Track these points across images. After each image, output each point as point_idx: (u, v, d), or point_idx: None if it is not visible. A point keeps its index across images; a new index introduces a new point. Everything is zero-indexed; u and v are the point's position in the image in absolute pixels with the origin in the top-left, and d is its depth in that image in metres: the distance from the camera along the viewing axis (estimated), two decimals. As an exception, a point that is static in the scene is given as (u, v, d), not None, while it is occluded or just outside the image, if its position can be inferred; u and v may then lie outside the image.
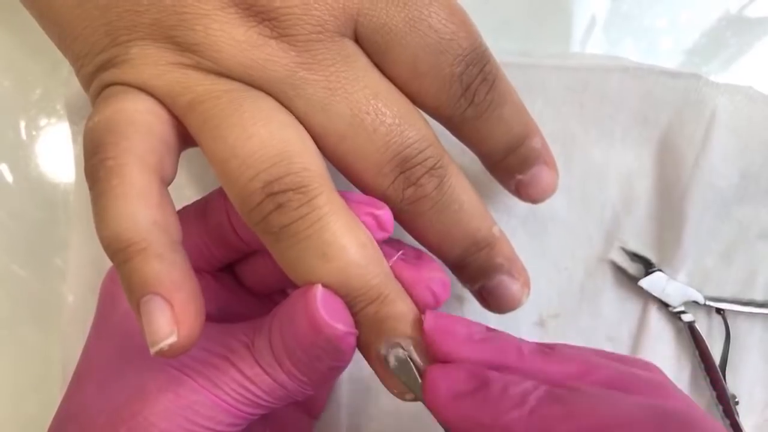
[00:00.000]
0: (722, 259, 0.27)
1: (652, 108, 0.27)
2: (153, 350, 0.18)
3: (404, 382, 0.19)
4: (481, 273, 0.23)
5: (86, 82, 0.21)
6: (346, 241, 0.19)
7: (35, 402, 0.29)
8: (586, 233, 0.28)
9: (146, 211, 0.18)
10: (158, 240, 0.18)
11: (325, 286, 0.19)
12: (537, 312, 0.28)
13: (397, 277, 0.21)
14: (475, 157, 0.24)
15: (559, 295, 0.28)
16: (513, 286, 0.23)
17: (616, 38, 0.29)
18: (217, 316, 0.23)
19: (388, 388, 0.20)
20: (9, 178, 0.30)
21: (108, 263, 0.24)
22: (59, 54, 0.23)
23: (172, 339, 0.18)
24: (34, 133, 0.30)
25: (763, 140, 0.26)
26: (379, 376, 0.20)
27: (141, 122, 0.19)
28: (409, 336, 0.19)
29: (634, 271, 0.27)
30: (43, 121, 0.30)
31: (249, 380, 0.20)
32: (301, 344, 0.19)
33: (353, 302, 0.19)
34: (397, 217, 0.22)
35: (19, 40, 0.30)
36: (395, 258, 0.21)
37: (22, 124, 0.30)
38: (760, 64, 0.29)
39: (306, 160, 0.19)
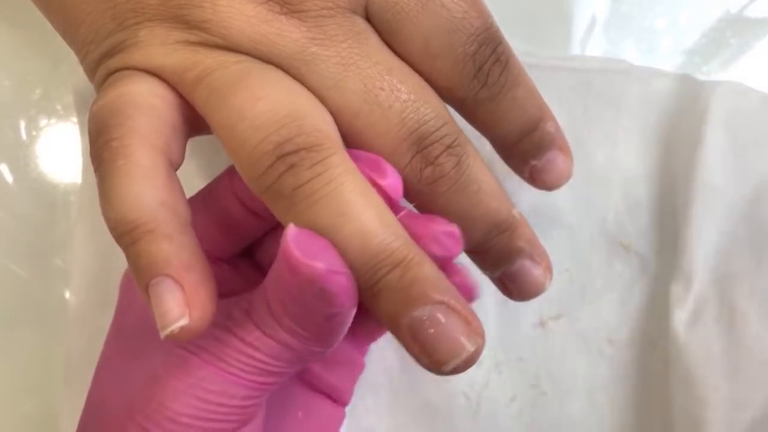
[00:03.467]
0: (731, 257, 0.27)
1: (654, 111, 0.27)
2: (163, 334, 0.17)
3: None
4: (502, 258, 0.22)
5: (91, 70, 0.21)
6: (363, 202, 0.18)
7: (35, 403, 0.29)
8: (588, 235, 0.28)
9: (153, 191, 0.18)
10: (167, 221, 0.18)
11: (344, 251, 0.18)
12: (537, 313, 0.28)
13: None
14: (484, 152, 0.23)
15: (560, 297, 0.28)
16: (536, 271, 0.22)
17: (616, 38, 0.29)
18: None
19: (418, 361, 0.18)
20: (9, 178, 0.30)
21: (112, 262, 0.24)
22: (59, 53, 0.23)
23: (183, 321, 0.17)
24: (34, 133, 0.30)
25: (760, 136, 0.26)
26: (407, 349, 0.18)
27: (146, 105, 0.19)
28: (439, 301, 0.18)
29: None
30: (43, 121, 0.30)
31: (251, 346, 0.19)
32: (289, 294, 0.18)
33: (375, 268, 0.18)
34: (415, 198, 0.21)
35: (19, 39, 0.30)
36: (402, 213, 0.20)
37: (22, 124, 0.30)
38: (760, 64, 0.29)
39: (317, 122, 0.19)
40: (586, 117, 0.27)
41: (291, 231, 0.17)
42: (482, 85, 0.21)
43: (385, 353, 0.28)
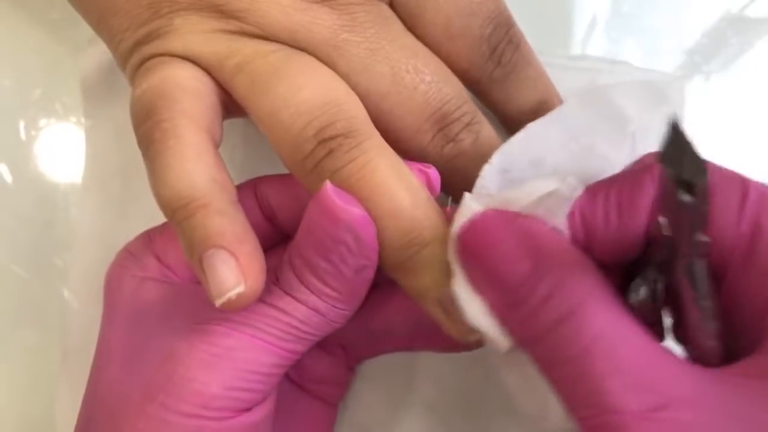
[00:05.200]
0: None
1: (654, 111, 0.27)
2: (219, 302, 0.18)
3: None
4: None
5: (124, 57, 0.22)
6: (396, 183, 0.19)
7: (35, 402, 0.29)
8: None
9: (204, 168, 0.19)
10: (218, 196, 0.18)
11: (379, 230, 0.19)
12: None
13: None
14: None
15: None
16: None
17: (616, 38, 0.29)
18: None
19: (448, 331, 0.19)
20: (9, 178, 0.30)
21: (111, 254, 0.24)
22: (59, 53, 0.23)
23: (239, 289, 0.18)
24: (33, 133, 0.30)
25: None
26: (438, 319, 0.19)
27: (189, 87, 0.20)
28: None
29: None
30: (42, 121, 0.30)
31: (282, 312, 0.19)
32: (322, 247, 0.19)
33: (406, 246, 0.19)
34: None
35: (19, 39, 0.30)
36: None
37: (22, 124, 0.30)
38: (761, 63, 0.29)
39: (354, 108, 0.20)
40: (591, 117, 0.27)
41: (328, 185, 0.18)
42: (496, 65, 0.22)
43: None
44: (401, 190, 0.19)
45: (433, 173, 0.20)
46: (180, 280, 0.22)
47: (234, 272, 0.18)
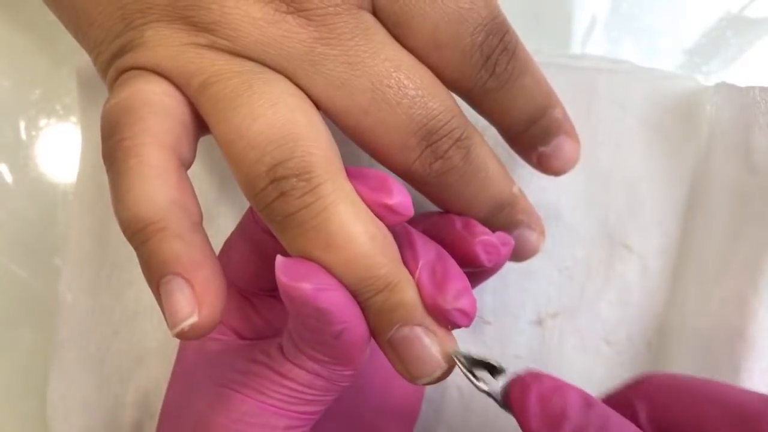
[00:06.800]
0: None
1: (658, 111, 0.27)
2: (173, 332, 0.17)
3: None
4: (502, 230, 0.23)
5: (103, 69, 0.21)
6: (353, 232, 0.18)
7: (35, 403, 0.29)
8: (588, 235, 0.28)
9: (164, 190, 0.18)
10: (177, 219, 0.18)
11: (335, 275, 0.19)
12: (535, 311, 0.28)
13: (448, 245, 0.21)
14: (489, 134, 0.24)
15: (559, 295, 0.28)
16: (531, 237, 0.24)
17: (616, 38, 0.29)
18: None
19: (397, 370, 0.20)
20: (9, 178, 0.30)
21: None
22: (59, 54, 0.23)
23: (192, 319, 0.17)
24: (33, 133, 0.30)
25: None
26: (389, 359, 0.20)
27: (157, 103, 0.19)
28: (418, 324, 0.19)
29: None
30: (42, 122, 0.30)
31: (285, 378, 0.19)
32: (296, 321, 0.19)
33: (360, 291, 0.19)
34: (423, 189, 0.21)
35: (19, 39, 0.30)
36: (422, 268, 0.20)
37: (22, 124, 0.30)
38: (761, 63, 0.29)
39: (312, 144, 0.19)
40: (590, 116, 0.27)
41: (278, 261, 0.18)
42: (490, 75, 0.21)
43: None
44: (357, 238, 0.18)
45: (399, 204, 0.20)
46: (227, 338, 0.23)
47: (188, 301, 0.17)
